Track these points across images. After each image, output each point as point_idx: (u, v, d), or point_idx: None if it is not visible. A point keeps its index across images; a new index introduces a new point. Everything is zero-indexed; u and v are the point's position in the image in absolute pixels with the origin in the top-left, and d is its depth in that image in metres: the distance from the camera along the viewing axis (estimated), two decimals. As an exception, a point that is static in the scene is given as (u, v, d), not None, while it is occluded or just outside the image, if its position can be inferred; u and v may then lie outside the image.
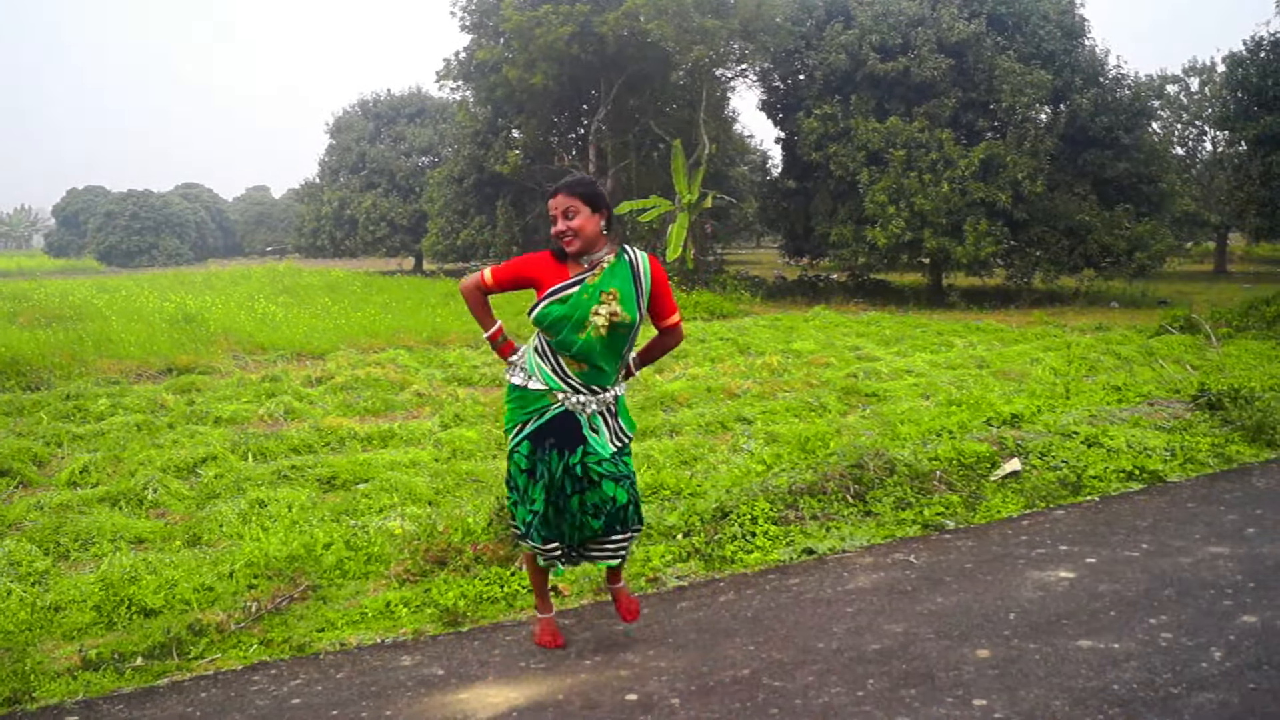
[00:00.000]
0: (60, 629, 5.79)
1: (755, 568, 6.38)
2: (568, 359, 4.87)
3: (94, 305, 25.29)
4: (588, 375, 4.88)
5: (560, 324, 4.80)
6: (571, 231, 4.81)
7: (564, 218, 4.82)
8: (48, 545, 7.63)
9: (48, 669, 5.18)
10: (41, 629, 5.76)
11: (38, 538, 7.74)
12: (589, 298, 4.82)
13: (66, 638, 5.67)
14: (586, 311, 4.80)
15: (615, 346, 4.89)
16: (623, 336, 4.89)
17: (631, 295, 4.90)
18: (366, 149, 54.06)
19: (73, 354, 17.09)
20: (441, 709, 4.55)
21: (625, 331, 4.88)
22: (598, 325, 4.80)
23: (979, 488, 7.69)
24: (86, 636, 5.67)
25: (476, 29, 35.63)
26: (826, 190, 30.60)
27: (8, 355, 16.21)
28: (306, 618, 5.77)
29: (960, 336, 19.73)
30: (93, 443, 11.43)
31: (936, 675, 4.61)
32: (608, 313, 4.80)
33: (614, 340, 4.86)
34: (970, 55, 28.18)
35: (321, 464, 9.84)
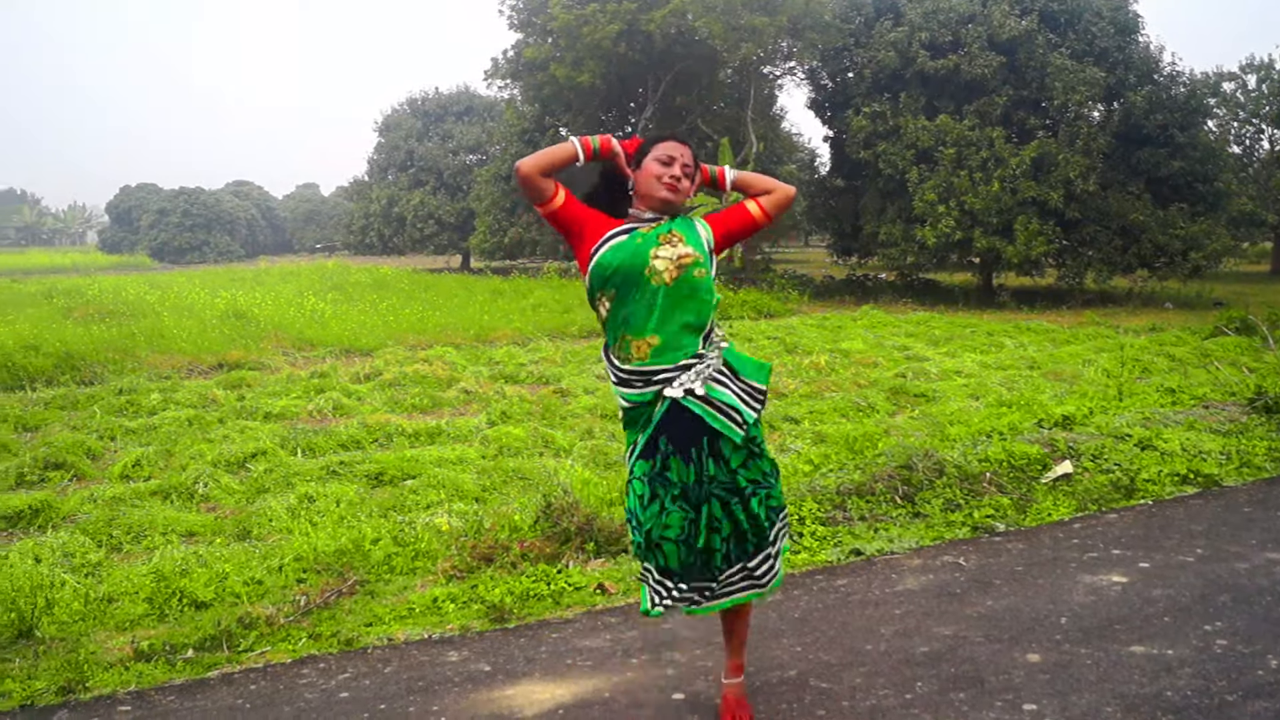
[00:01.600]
0: (113, 620, 5.84)
1: (803, 568, 6.34)
2: (634, 340, 4.05)
3: (146, 301, 25.53)
4: (665, 351, 4.03)
5: (618, 273, 4.05)
6: (682, 185, 4.22)
7: (681, 169, 4.23)
8: (101, 537, 7.70)
9: (101, 659, 5.22)
10: (95, 620, 5.82)
11: (91, 530, 7.81)
12: (644, 242, 4.10)
13: (119, 629, 5.72)
14: (646, 254, 4.07)
15: (691, 298, 4.07)
16: (700, 282, 4.09)
17: (698, 237, 4.21)
18: (415, 147, 54.28)
19: (125, 349, 17.25)
20: (488, 705, 4.55)
21: (701, 274, 4.10)
22: (659, 271, 4.03)
23: (1030, 490, 7.62)
24: (139, 628, 5.71)
25: (524, 27, 35.71)
26: (875, 189, 30.44)
27: (62, 350, 16.39)
28: (355, 612, 5.79)
29: (1010, 337, 19.57)
30: (145, 437, 11.52)
31: (986, 679, 4.56)
32: (673, 254, 4.08)
33: (687, 288, 4.06)
34: (1021, 52, 27.92)
35: (369, 460, 9.87)
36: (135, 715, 4.64)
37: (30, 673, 5.08)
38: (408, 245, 53.84)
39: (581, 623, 5.47)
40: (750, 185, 4.45)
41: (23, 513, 8.43)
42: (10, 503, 8.58)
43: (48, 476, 9.85)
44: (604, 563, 6.54)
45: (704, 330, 4.11)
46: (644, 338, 4.06)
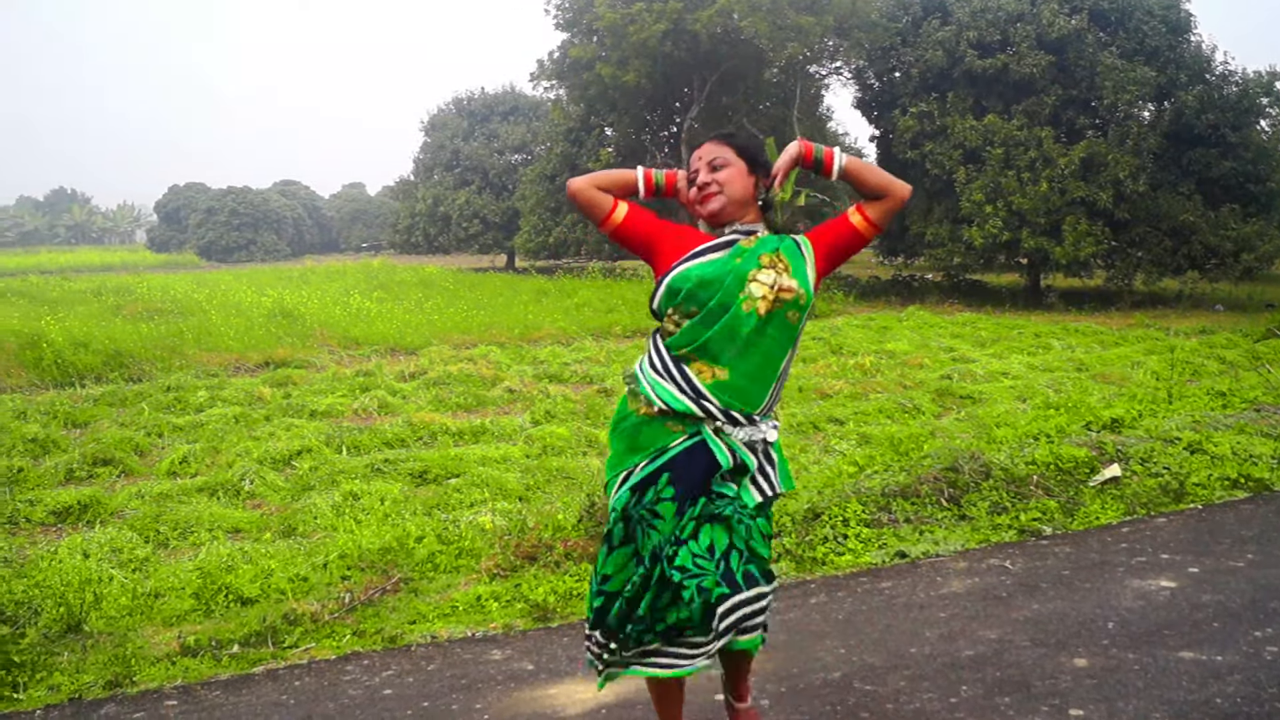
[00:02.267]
0: (160, 615, 5.90)
1: (847, 570, 6.31)
2: (699, 363, 3.45)
3: (194, 299, 25.73)
4: (728, 390, 3.43)
5: (705, 290, 3.42)
6: (717, 185, 3.56)
7: (709, 169, 3.58)
8: (148, 533, 7.78)
9: (148, 654, 5.28)
10: (142, 615, 5.88)
11: (139, 526, 7.89)
12: (743, 260, 3.46)
13: (166, 624, 5.77)
14: (744, 274, 3.43)
15: (776, 340, 3.49)
16: (788, 328, 3.51)
17: (805, 268, 3.55)
18: (460, 146, 54.43)
19: (173, 347, 17.42)
20: (531, 704, 4.55)
21: (793, 320, 3.51)
22: (755, 297, 3.41)
23: (1077, 493, 7.55)
24: (185, 623, 5.77)
25: (570, 27, 35.76)
26: (922, 189, 30.23)
27: (111, 348, 16.56)
28: (399, 610, 5.82)
29: (1058, 338, 19.42)
30: (192, 434, 11.63)
31: (1032, 683, 4.52)
32: (773, 282, 3.44)
33: (776, 329, 3.47)
34: (1071, 52, 27.67)
35: (414, 458, 9.91)
36: (181, 710, 4.67)
37: (79, 666, 5.13)
38: (453, 244, 53.99)
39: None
40: (863, 179, 3.68)
41: (72, 508, 8.53)
42: (60, 498, 8.68)
43: (96, 473, 9.96)
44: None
45: (774, 384, 3.54)
46: (715, 366, 3.45)
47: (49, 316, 20.03)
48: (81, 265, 67.29)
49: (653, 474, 3.45)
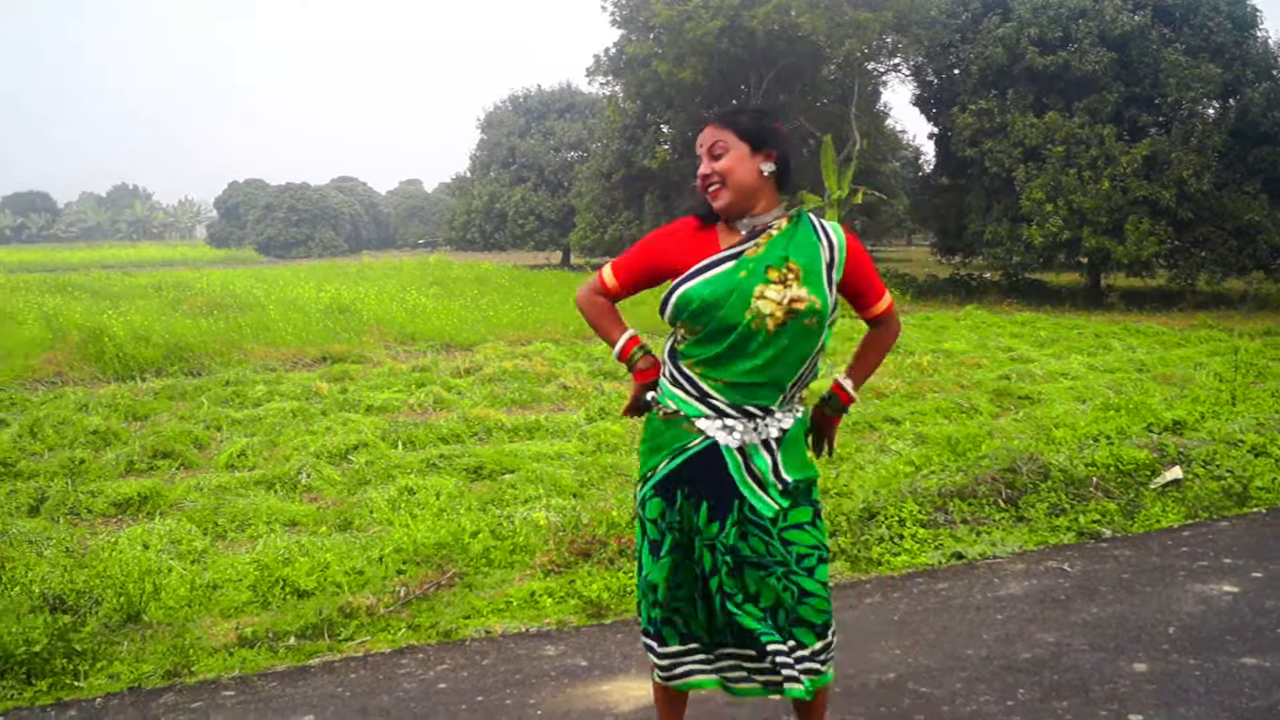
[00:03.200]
0: (218, 606, 5.94)
1: (902, 570, 6.27)
2: (711, 370, 3.33)
3: (253, 295, 25.97)
4: (737, 393, 3.32)
5: (707, 313, 3.26)
6: (719, 176, 3.34)
7: (709, 157, 3.40)
8: (206, 525, 7.84)
9: (206, 644, 5.32)
10: (200, 606, 5.92)
11: (197, 518, 7.96)
12: (748, 275, 3.26)
13: (224, 615, 5.81)
14: (749, 292, 3.24)
15: (793, 346, 3.31)
16: (807, 334, 3.31)
17: (820, 272, 3.33)
18: (516, 143, 54.60)
19: (232, 341, 17.59)
20: (584, 700, 4.55)
21: (812, 325, 3.31)
22: (763, 314, 3.23)
23: (1138, 496, 7.46)
24: (242, 615, 5.81)
25: (627, 24, 35.77)
26: (981, 187, 30.02)
27: (171, 342, 16.75)
28: (453, 604, 5.83)
29: (1119, 339, 19.19)
30: (250, 427, 11.71)
31: (1090, 688, 4.47)
32: (782, 296, 3.25)
33: (793, 339, 3.29)
34: (1134, 48, 27.35)
35: (469, 454, 9.94)
36: (239, 700, 4.71)
37: (138, 656, 5.18)
38: (509, 241, 54.19)
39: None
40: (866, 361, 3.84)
41: (132, 500, 8.61)
42: (120, 490, 8.77)
43: (156, 465, 10.06)
44: (701, 561, 6.52)
45: (794, 382, 3.40)
46: (724, 376, 3.33)
47: (111, 311, 20.31)
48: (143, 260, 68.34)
49: (673, 476, 3.39)
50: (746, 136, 3.36)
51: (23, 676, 4.91)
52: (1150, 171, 26.42)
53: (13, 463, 9.94)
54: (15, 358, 16.11)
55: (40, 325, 19.22)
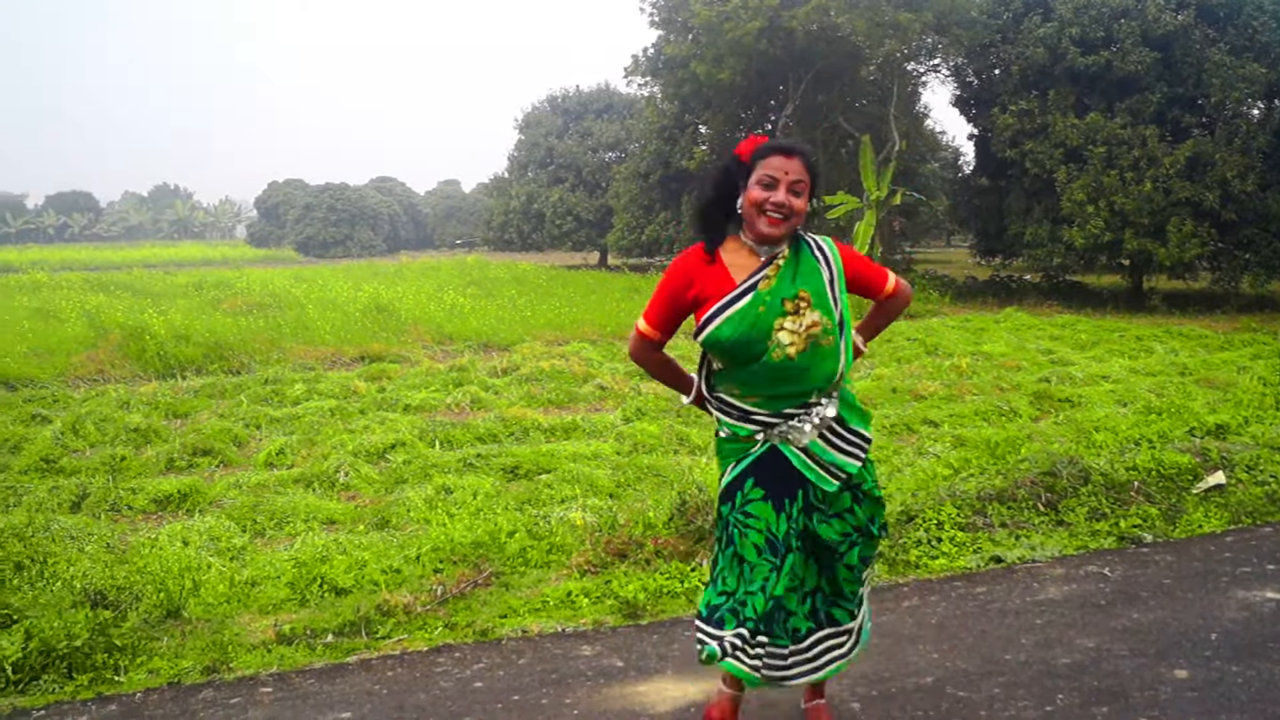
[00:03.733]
0: (256, 603, 5.99)
1: (940, 574, 6.24)
2: (749, 391, 3.72)
3: (292, 294, 26.15)
4: (774, 404, 3.71)
5: (736, 350, 3.65)
6: (790, 210, 3.63)
7: (789, 191, 3.63)
8: (245, 523, 7.91)
9: (244, 641, 5.36)
10: (239, 602, 5.97)
11: (236, 515, 8.03)
12: (766, 309, 3.63)
13: (262, 612, 5.86)
14: (768, 327, 3.62)
15: (821, 364, 3.69)
16: (825, 353, 3.69)
17: (826, 294, 3.72)
18: (554, 144, 54.70)
19: (271, 340, 17.71)
20: (620, 700, 4.55)
21: (830, 343, 3.69)
22: (784, 345, 3.62)
23: (1179, 500, 7.39)
24: (280, 612, 5.85)
25: (665, 25, 35.76)
26: (1021, 188, 29.83)
27: (212, 340, 16.88)
28: (490, 603, 5.85)
29: (1161, 342, 19.01)
30: (289, 426, 11.79)
31: (1130, 694, 4.43)
32: (800, 326, 3.64)
33: (814, 360, 3.67)
34: (1177, 48, 27.09)
35: (506, 453, 9.97)
36: (276, 697, 4.73)
37: (177, 651, 5.22)
38: (546, 241, 54.30)
39: (715, 622, 5.44)
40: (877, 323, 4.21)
41: (172, 497, 8.70)
42: (161, 487, 8.85)
43: (196, 462, 10.15)
44: (738, 563, 6.50)
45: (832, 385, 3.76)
46: (757, 394, 3.74)
47: (152, 309, 20.50)
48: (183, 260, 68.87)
49: (739, 478, 3.76)
50: (814, 183, 3.72)
51: (64, 671, 4.96)
52: (1193, 173, 26.15)
53: (55, 459, 10.06)
54: (58, 355, 16.29)
55: (83, 323, 19.45)
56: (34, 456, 10.08)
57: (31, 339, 17.66)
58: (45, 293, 28.23)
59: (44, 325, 19.75)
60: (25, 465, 9.91)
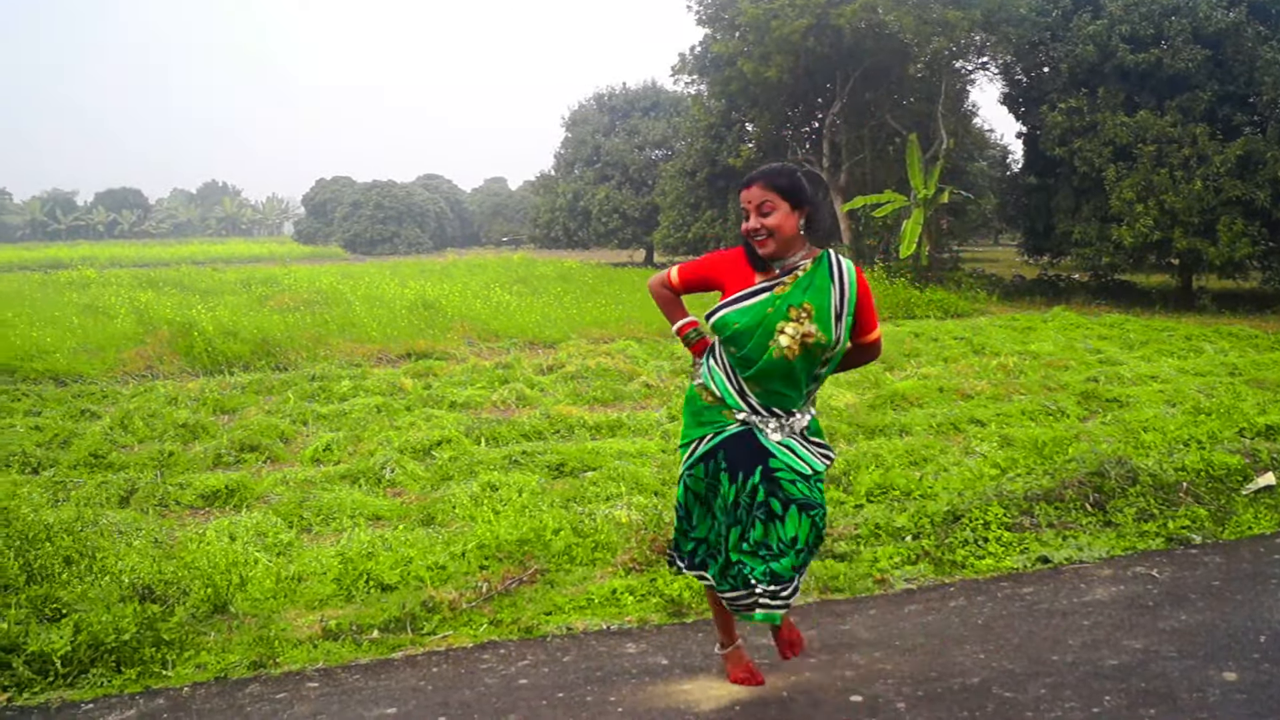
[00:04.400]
0: (302, 599, 6.03)
1: (987, 574, 6.22)
2: (748, 377, 4.24)
3: (339, 291, 26.27)
4: (767, 397, 4.24)
5: (741, 338, 4.18)
6: (765, 230, 4.15)
7: (757, 213, 4.18)
8: (292, 518, 7.96)
9: (290, 636, 5.40)
10: (285, 598, 6.02)
11: (283, 511, 8.08)
12: (774, 311, 4.16)
13: (308, 607, 5.89)
14: (772, 327, 4.14)
15: (805, 371, 4.25)
16: (816, 361, 4.25)
17: (829, 311, 4.20)
18: (601, 142, 54.68)
19: (318, 337, 17.83)
20: (664, 698, 4.56)
21: (820, 354, 4.22)
22: (782, 346, 4.13)
23: (1229, 502, 7.32)
24: (327, 607, 5.88)
25: (712, 22, 35.70)
26: (1070, 187, 29.58)
27: (259, 337, 17.01)
28: (535, 601, 5.87)
29: (1210, 342, 18.80)
30: (335, 422, 11.86)
31: (1178, 696, 4.40)
32: (797, 333, 4.13)
33: (805, 364, 4.21)
34: (1228, 46, 26.80)
35: (551, 451, 9.99)
36: (322, 692, 4.77)
37: (224, 646, 5.27)
38: (592, 239, 54.30)
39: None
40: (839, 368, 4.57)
41: (220, 492, 8.78)
42: (208, 482, 8.93)
43: (244, 458, 10.23)
44: (783, 561, 6.49)
45: (809, 391, 4.35)
46: (757, 385, 4.26)
47: (200, 306, 20.69)
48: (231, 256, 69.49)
49: (714, 450, 4.31)
50: (788, 195, 4.17)
51: (112, 664, 5.01)
52: (1244, 171, 25.86)
53: (104, 454, 10.16)
54: (107, 351, 16.46)
55: (131, 319, 19.63)
56: (83, 452, 10.18)
57: (81, 335, 17.84)
58: (95, 289, 28.49)
59: (93, 321, 19.93)
60: (74, 460, 10.01)
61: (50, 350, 16.10)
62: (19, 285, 31.43)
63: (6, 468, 9.74)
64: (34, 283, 32.52)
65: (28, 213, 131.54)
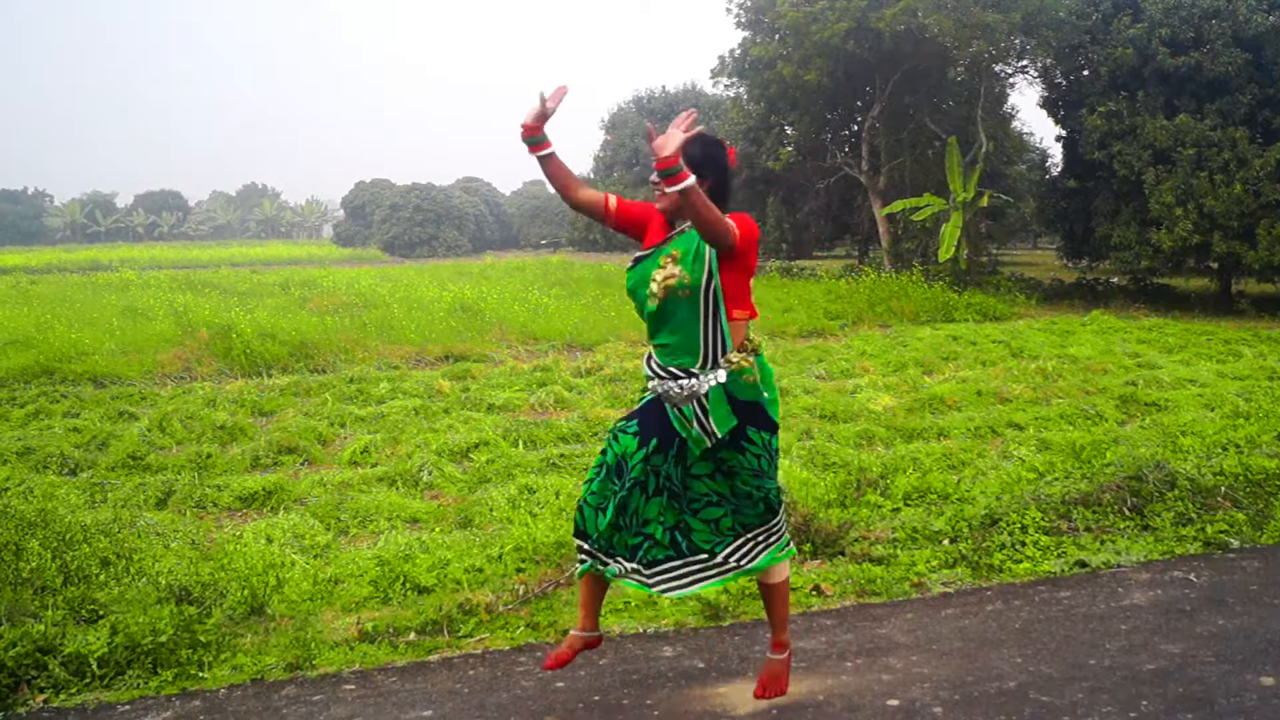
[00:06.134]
0: (339, 601, 6.06)
1: (1024, 578, 6.20)
2: (651, 339, 4.39)
3: (378, 293, 26.39)
4: (661, 354, 4.30)
5: (634, 293, 4.38)
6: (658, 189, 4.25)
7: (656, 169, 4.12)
8: (329, 520, 7.99)
9: (327, 638, 5.43)
10: (322, 600, 6.05)
11: (320, 513, 8.11)
12: (650, 263, 4.35)
13: (345, 609, 5.92)
14: (647, 278, 4.30)
15: (684, 316, 4.22)
16: (683, 302, 4.20)
17: (692, 254, 4.23)
18: (640, 145, 54.74)
19: (356, 339, 17.90)
20: (701, 701, 4.57)
21: (685, 296, 4.19)
22: (653, 292, 4.24)
23: (1267, 506, 7.27)
24: (364, 609, 5.91)
25: (752, 26, 35.66)
26: (1109, 190, 29.39)
27: (298, 339, 17.10)
28: (571, 603, 5.88)
29: (1249, 346, 18.62)
30: (373, 424, 11.90)
31: (1216, 701, 4.38)
32: (663, 276, 4.22)
33: (677, 306, 4.21)
34: (1269, 49, 26.55)
35: (589, 453, 9.98)
36: (359, 694, 4.80)
37: (261, 648, 5.30)
38: (630, 242, 54.27)
39: (797, 624, 5.44)
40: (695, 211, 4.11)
41: (257, 494, 8.82)
42: (246, 484, 8.98)
43: (281, 460, 10.28)
44: (821, 564, 6.50)
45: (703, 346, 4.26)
46: (654, 341, 4.38)
47: (239, 308, 20.81)
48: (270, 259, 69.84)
49: (632, 414, 4.45)
50: (697, 165, 4.18)
51: (149, 666, 5.05)
52: (1284, 175, 25.66)
53: (142, 456, 10.23)
54: (146, 353, 16.59)
55: (170, 321, 19.78)
56: (121, 453, 10.26)
57: (120, 337, 17.99)
58: (134, 291, 28.74)
59: (132, 323, 20.09)
60: (112, 462, 10.09)
61: (89, 352, 16.23)
62: (59, 287, 31.75)
63: (45, 469, 9.82)
64: (73, 284, 32.85)
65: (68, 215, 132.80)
